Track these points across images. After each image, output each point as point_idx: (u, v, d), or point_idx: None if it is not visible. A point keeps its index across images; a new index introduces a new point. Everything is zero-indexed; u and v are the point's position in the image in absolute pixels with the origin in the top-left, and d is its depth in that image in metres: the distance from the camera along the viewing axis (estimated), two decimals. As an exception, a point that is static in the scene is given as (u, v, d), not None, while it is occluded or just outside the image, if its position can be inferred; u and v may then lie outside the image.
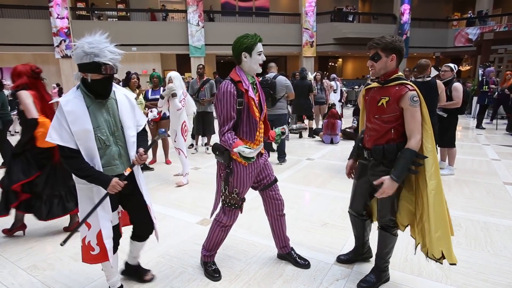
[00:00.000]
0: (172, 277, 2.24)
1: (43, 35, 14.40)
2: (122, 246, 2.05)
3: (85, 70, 1.68)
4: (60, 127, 1.65)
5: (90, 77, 1.69)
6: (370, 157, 1.99)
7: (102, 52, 1.65)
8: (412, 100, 1.81)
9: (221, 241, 2.24)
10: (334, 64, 22.50)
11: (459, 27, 19.17)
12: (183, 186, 4.19)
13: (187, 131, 4.32)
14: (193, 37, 15.84)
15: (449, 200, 3.49)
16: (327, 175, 4.57)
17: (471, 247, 2.58)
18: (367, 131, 2.03)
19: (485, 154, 5.57)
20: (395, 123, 1.87)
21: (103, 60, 1.65)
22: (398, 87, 1.86)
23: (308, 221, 3.07)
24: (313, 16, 17.09)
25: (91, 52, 1.63)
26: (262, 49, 2.03)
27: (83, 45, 1.65)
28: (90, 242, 1.82)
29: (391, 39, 1.85)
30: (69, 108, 1.66)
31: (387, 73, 1.90)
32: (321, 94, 7.77)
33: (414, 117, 1.81)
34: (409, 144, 1.83)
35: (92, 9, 16.53)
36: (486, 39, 12.47)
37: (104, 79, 1.71)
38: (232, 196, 2.10)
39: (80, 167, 1.68)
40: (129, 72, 4.92)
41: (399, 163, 1.82)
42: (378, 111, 1.91)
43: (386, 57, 1.86)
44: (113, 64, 1.70)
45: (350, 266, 2.33)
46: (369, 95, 2.02)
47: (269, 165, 2.26)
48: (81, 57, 1.65)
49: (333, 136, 6.77)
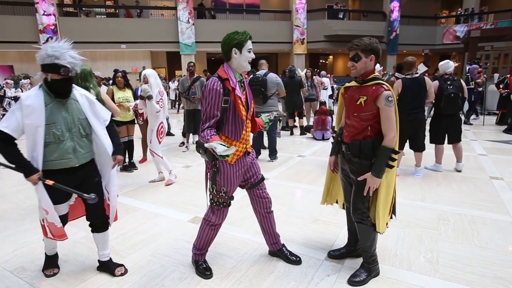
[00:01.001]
0: (163, 276, 2.23)
1: (29, 32, 14.06)
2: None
3: (46, 70, 1.89)
4: (12, 116, 1.85)
5: (50, 77, 1.89)
6: (347, 151, 2.10)
7: (62, 55, 1.86)
8: (387, 100, 1.92)
9: (211, 239, 2.23)
10: (325, 61, 22.60)
11: (447, 25, 19.46)
12: (173, 184, 4.16)
13: (163, 133, 4.17)
14: (184, 34, 15.70)
15: (439, 195, 3.58)
16: (318, 171, 4.59)
17: (459, 240, 2.63)
18: (346, 127, 2.14)
19: (473, 150, 5.68)
20: (372, 121, 1.99)
21: (62, 63, 1.86)
22: (375, 86, 1.97)
23: (300, 218, 3.09)
24: (304, 13, 17.12)
25: (52, 54, 1.84)
26: (252, 46, 2.02)
27: (47, 48, 1.86)
28: (48, 225, 2.03)
29: (369, 41, 1.98)
30: (28, 102, 1.86)
31: (366, 73, 2.02)
32: (311, 91, 7.79)
33: (388, 116, 1.93)
34: (385, 141, 1.95)
35: (79, 6, 16.23)
36: (473, 36, 12.69)
37: (62, 79, 1.91)
38: (220, 195, 2.09)
39: (11, 152, 1.89)
40: (116, 70, 4.81)
41: (378, 160, 1.95)
42: (356, 109, 2.02)
43: (365, 58, 1.98)
44: (71, 68, 1.90)
45: (341, 262, 2.35)
46: (348, 93, 2.13)
47: (256, 163, 2.26)
48: (43, 58, 1.86)
49: (324, 132, 6.84)
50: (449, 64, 4.35)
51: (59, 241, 2.15)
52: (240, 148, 2.07)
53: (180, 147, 6.38)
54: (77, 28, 14.76)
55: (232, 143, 2.03)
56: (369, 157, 2.00)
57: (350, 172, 2.11)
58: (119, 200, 3.64)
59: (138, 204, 3.55)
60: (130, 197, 3.77)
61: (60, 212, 2.07)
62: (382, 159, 1.95)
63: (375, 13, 18.66)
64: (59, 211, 2.05)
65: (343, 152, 2.15)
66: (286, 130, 7.83)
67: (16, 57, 14.93)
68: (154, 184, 4.21)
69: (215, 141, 1.76)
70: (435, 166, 4.53)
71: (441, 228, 2.83)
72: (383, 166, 1.96)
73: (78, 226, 3.00)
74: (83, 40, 14.71)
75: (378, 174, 1.95)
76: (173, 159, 5.37)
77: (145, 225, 3.02)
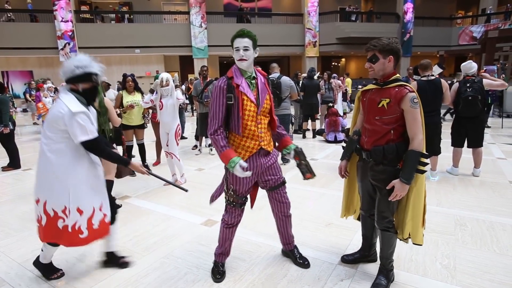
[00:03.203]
0: (177, 278, 2.25)
1: (48, 39, 14.53)
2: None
3: (77, 81, 2.00)
4: (88, 124, 2.02)
5: (81, 87, 2.01)
6: (369, 158, 2.00)
7: (90, 64, 2.01)
8: (413, 102, 1.84)
9: (225, 240, 2.24)
10: (337, 63, 22.44)
11: (463, 25, 19.05)
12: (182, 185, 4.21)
13: (180, 135, 4.22)
14: (196, 38, 15.89)
15: (455, 200, 3.50)
16: (331, 175, 4.56)
17: (477, 246, 2.56)
18: (365, 132, 2.05)
19: (491, 153, 5.53)
20: (395, 124, 1.91)
21: (94, 71, 2.01)
22: (398, 88, 1.89)
23: (313, 221, 3.07)
24: (316, 16, 17.07)
25: (81, 65, 1.97)
26: (240, 45, 1.95)
27: (73, 62, 1.98)
28: (80, 226, 2.04)
29: (388, 41, 1.89)
30: (84, 109, 2.01)
31: (386, 74, 1.94)
32: (329, 93, 7.79)
33: (415, 118, 1.85)
34: (412, 145, 1.86)
35: (95, 12, 16.65)
36: (491, 36, 12.38)
37: (92, 87, 2.06)
38: (230, 193, 2.13)
39: (110, 152, 2.15)
40: (125, 75, 4.85)
41: (406, 165, 1.85)
42: (378, 112, 1.93)
43: (383, 59, 1.90)
44: (100, 74, 2.06)
45: (355, 266, 2.33)
46: (367, 97, 2.04)
47: (277, 166, 2.20)
48: (72, 70, 1.97)
49: (336, 133, 6.80)
50: (471, 64, 4.19)
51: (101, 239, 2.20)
52: (251, 145, 2.04)
53: (193, 150, 6.44)
54: (93, 33, 15.16)
55: (241, 139, 2.03)
56: (393, 162, 1.92)
57: (373, 180, 2.01)
58: (133, 202, 3.72)
59: (152, 206, 3.60)
60: (143, 199, 3.83)
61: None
62: (411, 164, 1.84)
63: (388, 15, 18.44)
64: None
65: (364, 160, 2.07)
66: (298, 133, 7.80)
67: (36, 63, 15.42)
68: (168, 186, 4.25)
69: (233, 158, 1.94)
70: (451, 169, 4.43)
71: (458, 234, 2.76)
72: (413, 172, 1.85)
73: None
74: (99, 45, 15.13)
75: (407, 181, 1.84)
76: (186, 162, 5.42)
77: (158, 227, 3.06)
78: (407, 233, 2.00)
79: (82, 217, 2.03)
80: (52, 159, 1.98)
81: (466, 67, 4.23)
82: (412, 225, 1.97)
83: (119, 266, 2.37)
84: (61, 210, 2.01)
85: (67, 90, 2.02)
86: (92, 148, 2.03)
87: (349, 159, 2.24)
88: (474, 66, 4.21)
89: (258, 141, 2.06)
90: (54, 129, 1.97)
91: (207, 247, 2.64)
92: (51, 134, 1.98)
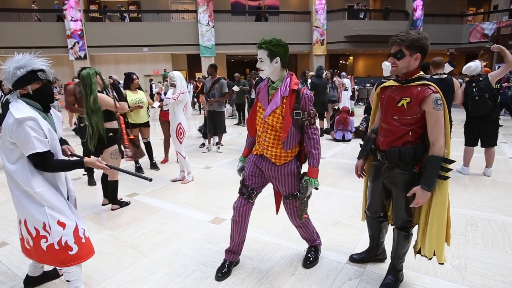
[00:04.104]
0: (185, 275, 2.26)
1: (58, 38, 14.73)
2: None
3: (23, 84, 1.74)
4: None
5: (30, 89, 1.76)
6: (384, 160, 1.90)
7: (31, 61, 1.75)
8: (436, 104, 1.69)
9: (232, 234, 2.23)
10: (345, 62, 22.28)
11: (475, 22, 18.71)
12: (189, 183, 4.27)
13: (182, 134, 4.19)
14: (204, 37, 15.93)
15: (466, 200, 3.44)
16: (339, 174, 4.53)
17: (488, 247, 2.51)
18: (382, 131, 1.93)
19: (503, 152, 5.43)
20: (415, 125, 1.78)
21: (37, 67, 1.75)
22: (421, 87, 1.73)
23: (320, 220, 3.05)
24: (324, 14, 16.96)
25: (22, 65, 1.71)
26: (258, 56, 1.97)
27: (12, 64, 1.72)
28: (67, 241, 1.82)
29: (417, 36, 1.71)
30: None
31: (409, 72, 1.78)
32: (333, 92, 7.71)
33: (438, 121, 1.71)
34: (433, 150, 1.73)
35: (104, 11, 16.79)
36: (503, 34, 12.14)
37: (44, 86, 1.80)
38: (241, 179, 2.21)
39: (60, 163, 1.84)
40: (127, 73, 4.83)
41: (428, 172, 1.73)
42: (397, 112, 1.80)
43: (410, 56, 1.73)
44: (48, 70, 1.80)
45: (363, 266, 2.31)
46: (385, 94, 1.89)
47: (291, 181, 2.09)
48: (14, 74, 1.71)
49: (344, 132, 6.72)
50: (472, 66, 4.06)
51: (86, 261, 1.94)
52: (257, 146, 2.16)
53: (201, 148, 6.46)
54: (101, 32, 15.31)
55: (258, 136, 2.14)
56: (410, 166, 1.81)
57: (388, 183, 1.92)
58: (141, 200, 3.75)
59: (160, 204, 3.62)
60: (151, 197, 3.86)
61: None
62: (433, 170, 1.71)
63: (397, 12, 18.21)
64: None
65: (378, 160, 1.96)
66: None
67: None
68: (175, 184, 4.28)
69: (241, 156, 2.25)
70: (462, 169, 4.36)
71: (468, 234, 2.72)
72: (434, 178, 1.72)
73: (104, 224, 3.11)
74: (107, 44, 15.27)
75: (429, 188, 1.72)
76: (194, 160, 5.44)
77: (166, 224, 3.08)
78: (431, 252, 1.85)
79: (66, 231, 1.82)
80: (12, 169, 1.75)
81: (469, 70, 4.10)
82: (437, 242, 1.82)
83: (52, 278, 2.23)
84: (41, 227, 1.79)
85: (17, 97, 1.77)
86: (40, 164, 1.74)
87: (366, 158, 2.13)
88: (477, 67, 4.05)
89: (261, 147, 2.11)
90: (7, 142, 1.74)
91: (215, 245, 2.65)
92: (7, 147, 1.76)
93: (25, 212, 1.81)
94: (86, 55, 15.08)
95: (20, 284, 2.18)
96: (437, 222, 1.81)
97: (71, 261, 1.86)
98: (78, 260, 1.88)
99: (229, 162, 5.37)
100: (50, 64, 1.84)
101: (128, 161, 3.91)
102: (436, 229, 1.81)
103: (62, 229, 1.81)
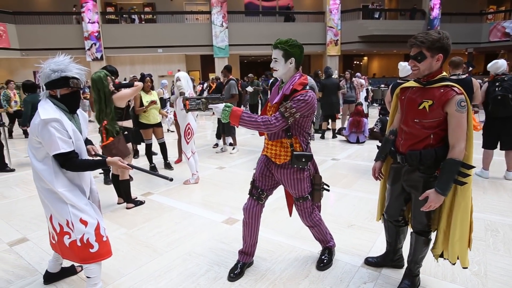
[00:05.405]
0: (199, 275, 2.28)
1: (76, 39, 15.11)
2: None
3: (54, 87, 1.80)
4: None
5: (59, 92, 1.82)
6: (404, 163, 1.85)
7: (68, 68, 1.80)
8: (460, 106, 1.62)
9: (243, 235, 2.24)
10: (359, 62, 22.01)
11: (495, 21, 18.17)
12: (202, 183, 4.29)
13: (190, 134, 4.19)
14: (217, 37, 16.03)
15: (485, 204, 3.34)
16: (353, 175, 4.47)
17: (510, 253, 2.43)
18: (402, 134, 1.87)
19: (524, 155, 5.24)
20: (437, 128, 1.71)
21: (71, 74, 1.81)
22: (444, 89, 1.66)
23: (334, 222, 3.02)
24: (338, 14, 16.80)
25: (58, 69, 1.77)
26: (273, 54, 1.96)
27: (50, 65, 1.78)
28: (88, 239, 1.87)
29: (438, 36, 1.63)
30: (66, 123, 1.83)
31: (431, 73, 1.71)
32: (351, 92, 7.64)
33: (460, 124, 1.64)
34: (452, 153, 1.66)
35: (120, 13, 17.13)
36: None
37: (72, 93, 1.85)
38: (252, 179, 2.21)
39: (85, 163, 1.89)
40: (143, 74, 4.99)
41: (444, 175, 1.67)
42: (418, 114, 1.73)
43: (431, 57, 1.66)
44: (80, 78, 1.86)
45: (378, 269, 2.27)
46: (406, 95, 1.83)
47: (298, 184, 2.09)
48: (48, 75, 1.78)
49: (359, 135, 6.61)
50: (498, 63, 3.97)
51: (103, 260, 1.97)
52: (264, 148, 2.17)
53: (214, 148, 6.50)
54: (117, 34, 15.62)
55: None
56: (431, 169, 1.75)
57: (408, 186, 1.88)
58: (156, 199, 3.80)
59: (174, 203, 3.66)
60: (165, 196, 3.90)
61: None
62: (449, 174, 1.64)
63: (413, 11, 17.86)
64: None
65: (398, 163, 1.91)
66: (318, 132, 7.69)
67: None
68: (188, 184, 4.31)
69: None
70: (481, 172, 4.24)
71: (489, 240, 2.64)
72: (450, 183, 1.66)
73: (119, 222, 3.16)
74: (123, 45, 15.57)
75: (443, 192, 1.66)
76: (207, 161, 5.49)
77: (180, 224, 3.11)
78: (455, 257, 1.81)
79: (88, 228, 1.87)
80: (38, 167, 1.82)
81: (494, 67, 3.98)
82: (460, 247, 1.78)
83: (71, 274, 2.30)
84: (65, 224, 1.86)
85: (46, 97, 1.84)
86: (65, 164, 1.80)
87: (384, 160, 2.07)
88: (502, 65, 3.95)
89: (264, 147, 2.15)
90: (34, 141, 1.80)
91: (228, 245, 2.66)
92: (34, 145, 1.82)
93: (50, 208, 1.88)
94: (102, 56, 15.41)
95: (40, 279, 2.25)
96: (460, 228, 1.76)
97: (92, 259, 1.90)
98: (98, 258, 1.92)
99: (242, 162, 5.38)
100: (84, 72, 1.91)
101: None
102: (459, 234, 1.77)
103: (84, 227, 1.87)
